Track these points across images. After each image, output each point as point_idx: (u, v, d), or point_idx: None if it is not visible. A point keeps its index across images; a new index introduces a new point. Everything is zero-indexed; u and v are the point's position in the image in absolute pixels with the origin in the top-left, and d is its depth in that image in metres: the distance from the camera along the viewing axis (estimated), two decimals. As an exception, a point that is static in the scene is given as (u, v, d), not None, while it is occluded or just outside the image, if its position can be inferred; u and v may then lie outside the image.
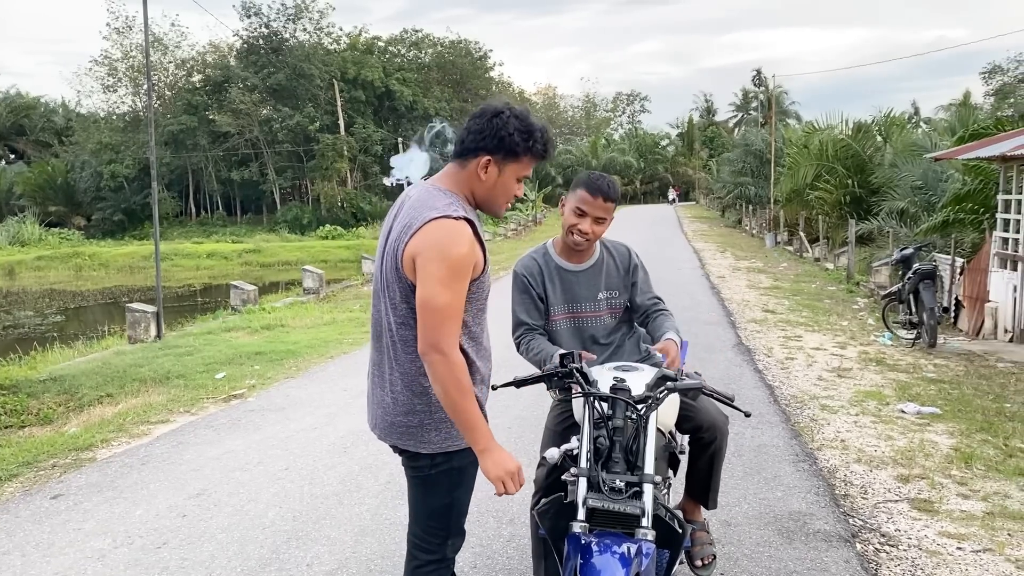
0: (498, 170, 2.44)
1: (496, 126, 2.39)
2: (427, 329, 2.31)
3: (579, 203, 3.18)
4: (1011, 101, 40.22)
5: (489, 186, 2.47)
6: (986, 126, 14.04)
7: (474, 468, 2.57)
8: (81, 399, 7.83)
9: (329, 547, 4.10)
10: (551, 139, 2.50)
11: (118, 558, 4.04)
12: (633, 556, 2.35)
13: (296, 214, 51.65)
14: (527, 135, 2.41)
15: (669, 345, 3.01)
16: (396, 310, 2.44)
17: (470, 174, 2.46)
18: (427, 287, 2.30)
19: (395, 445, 2.55)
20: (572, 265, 3.33)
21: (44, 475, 5.42)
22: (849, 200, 20.66)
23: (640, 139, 78.95)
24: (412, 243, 2.33)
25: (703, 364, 8.25)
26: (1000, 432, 5.88)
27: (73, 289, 30.17)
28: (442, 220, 2.32)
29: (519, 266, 3.40)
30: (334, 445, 5.78)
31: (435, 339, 2.29)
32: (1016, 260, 9.62)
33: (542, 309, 3.34)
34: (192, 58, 56.19)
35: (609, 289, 3.35)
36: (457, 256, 2.30)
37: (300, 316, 12.76)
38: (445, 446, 2.48)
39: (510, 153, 2.42)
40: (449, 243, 2.30)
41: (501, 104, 2.46)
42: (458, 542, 2.63)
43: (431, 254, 2.29)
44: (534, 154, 2.45)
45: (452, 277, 2.30)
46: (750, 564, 3.83)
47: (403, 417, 2.48)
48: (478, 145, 2.42)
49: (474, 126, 2.43)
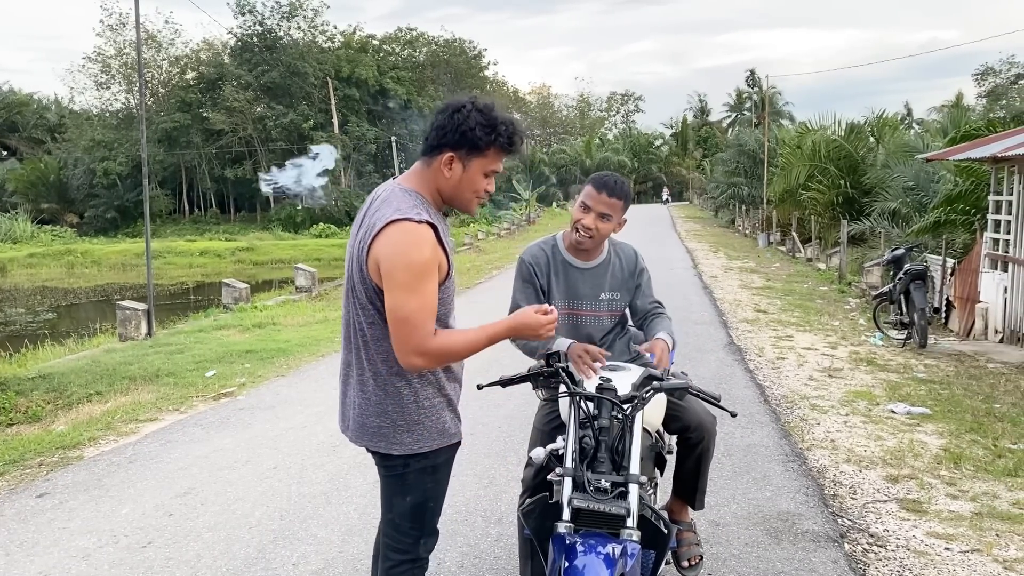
0: (463, 166, 2.40)
1: (458, 121, 2.36)
2: (401, 339, 2.30)
3: (584, 198, 3.16)
4: (1003, 102, 40.30)
5: (454, 183, 2.42)
6: (978, 127, 14.07)
7: (447, 468, 2.57)
8: (70, 397, 7.78)
9: (316, 546, 4.08)
10: (518, 131, 2.44)
11: (103, 557, 4.01)
12: (618, 557, 2.34)
13: (290, 212, 51.51)
14: (490, 128, 2.37)
15: (656, 344, 3.00)
16: (364, 311, 2.43)
17: (435, 171, 2.43)
18: (395, 296, 2.29)
19: (366, 447, 2.53)
20: (578, 262, 3.30)
21: (30, 473, 5.39)
22: (841, 200, 20.69)
23: (634, 139, 79.00)
24: (375, 247, 2.33)
25: (694, 364, 8.25)
26: (989, 432, 5.89)
27: (65, 287, 30.04)
28: (403, 223, 2.29)
29: (526, 254, 3.36)
30: (323, 444, 5.76)
31: (411, 346, 2.30)
32: (1006, 261, 9.64)
33: (542, 299, 3.31)
34: (186, 55, 56.04)
35: (612, 290, 3.31)
36: (420, 261, 2.28)
37: (292, 314, 12.72)
38: (417, 447, 2.46)
39: (473, 148, 2.38)
40: (410, 248, 2.28)
41: (465, 98, 2.42)
42: (431, 542, 2.61)
43: (395, 261, 2.28)
44: (499, 147, 2.41)
45: (418, 280, 2.28)
46: (738, 564, 3.82)
47: (374, 419, 2.47)
48: (441, 141, 2.39)
49: (437, 122, 2.40)
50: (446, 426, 2.51)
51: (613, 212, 3.14)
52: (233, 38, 53.58)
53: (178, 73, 55.87)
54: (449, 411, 2.54)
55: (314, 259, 31.93)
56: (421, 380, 2.45)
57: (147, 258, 12.07)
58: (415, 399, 2.44)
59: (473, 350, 2.40)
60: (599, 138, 77.61)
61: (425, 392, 2.46)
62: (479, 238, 31.01)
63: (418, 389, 2.45)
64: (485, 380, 2.92)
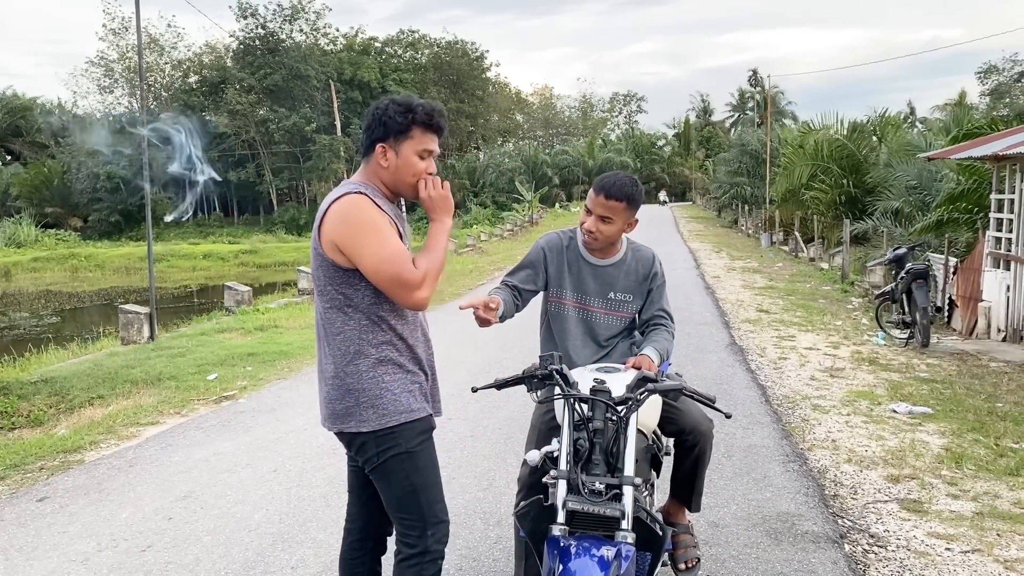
0: (395, 153, 2.56)
1: (377, 114, 2.56)
2: (394, 285, 2.45)
3: (588, 201, 3.17)
4: (1007, 101, 40.23)
5: (392, 170, 2.58)
6: (980, 126, 14.04)
7: (425, 454, 2.62)
8: (72, 401, 7.79)
9: (315, 549, 4.07)
10: (436, 109, 2.60)
11: (102, 561, 4.01)
12: (612, 559, 2.33)
13: (293, 215, 51.64)
14: (405, 110, 2.54)
15: (640, 360, 2.97)
16: (324, 295, 2.57)
17: (375, 166, 2.60)
18: (366, 257, 2.44)
19: (340, 431, 2.62)
20: (592, 257, 3.27)
21: (31, 477, 5.39)
22: (844, 200, 20.66)
23: (636, 139, 78.95)
24: (324, 226, 2.49)
25: (696, 364, 8.24)
26: (991, 432, 5.87)
27: (69, 290, 30.14)
28: (342, 198, 2.49)
29: (544, 238, 3.38)
30: (323, 446, 5.76)
31: (406, 285, 2.45)
32: (1009, 260, 9.62)
33: (538, 285, 3.30)
34: (188, 59, 56.24)
35: (624, 291, 3.27)
36: (371, 219, 2.46)
37: (294, 317, 12.73)
38: (383, 422, 2.54)
39: (398, 132, 2.54)
40: (356, 212, 2.47)
41: (384, 99, 2.62)
42: (439, 532, 2.64)
43: (349, 228, 2.45)
44: (420, 124, 2.55)
45: (378, 232, 2.45)
46: (737, 566, 3.81)
47: (340, 402, 2.58)
48: (371, 138, 2.58)
49: (364, 123, 2.60)
50: (409, 403, 2.58)
51: (613, 214, 3.10)
52: (235, 41, 53.71)
53: (180, 76, 56.07)
54: (414, 390, 2.61)
55: (317, 261, 31.86)
56: (380, 359, 2.56)
57: (149, 261, 12.10)
58: (374, 376, 2.55)
59: (444, 250, 2.59)
60: (602, 139, 77.56)
61: (384, 369, 2.56)
62: (482, 239, 30.97)
63: (377, 367, 2.55)
64: (481, 384, 2.91)
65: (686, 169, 74.65)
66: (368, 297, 2.53)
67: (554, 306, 3.31)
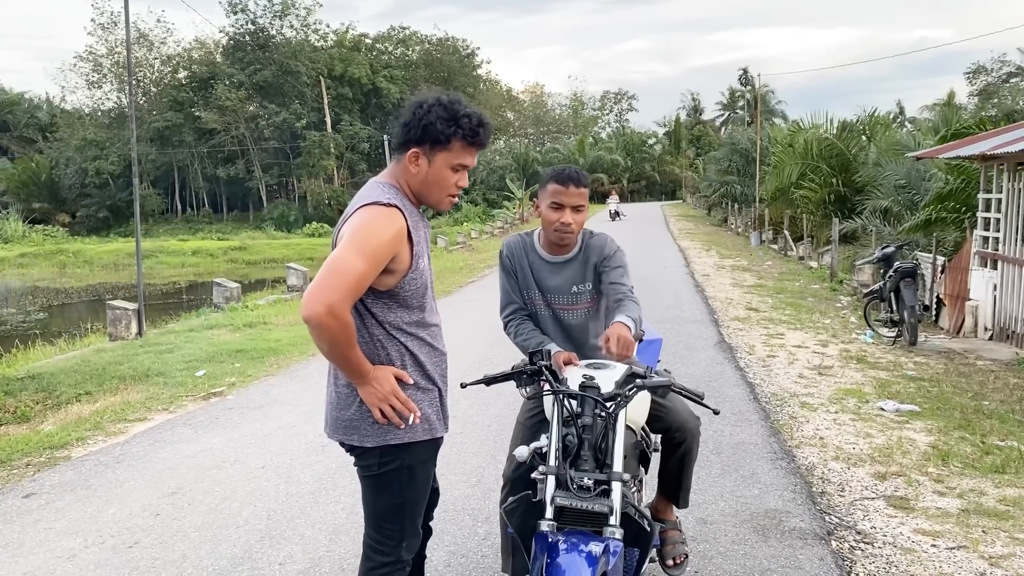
0: (428, 161, 2.43)
1: (419, 116, 2.39)
2: (326, 288, 2.21)
3: (553, 197, 3.12)
4: (995, 101, 40.50)
5: (421, 178, 2.45)
6: (968, 126, 14.12)
7: (424, 470, 2.56)
8: (59, 397, 7.75)
9: (303, 546, 4.06)
10: (484, 123, 2.44)
11: (88, 558, 3.99)
12: (600, 555, 2.33)
13: (282, 211, 51.47)
14: (451, 121, 2.38)
15: (612, 329, 2.75)
16: None
17: (403, 168, 2.46)
18: (343, 249, 2.28)
19: (342, 442, 2.54)
20: (549, 256, 3.27)
21: (17, 474, 5.36)
22: (833, 199, 20.76)
23: (627, 138, 79.02)
24: (346, 227, 2.36)
25: (685, 362, 8.26)
26: (978, 430, 5.91)
27: (57, 286, 29.95)
28: (372, 206, 2.35)
29: (504, 245, 3.39)
30: (312, 443, 5.74)
31: (331, 299, 2.20)
32: (996, 259, 9.68)
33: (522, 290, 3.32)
34: (178, 54, 55.94)
35: (585, 282, 3.27)
36: (381, 237, 2.30)
37: (283, 314, 12.68)
38: (387, 439, 2.45)
39: (436, 141, 2.40)
40: (376, 222, 2.32)
41: (431, 94, 2.44)
42: (413, 543, 2.60)
43: (358, 228, 2.31)
44: (463, 139, 2.41)
45: (371, 250, 2.28)
46: (724, 562, 3.82)
47: (345, 411, 2.48)
48: (407, 138, 2.42)
49: (403, 119, 2.44)
50: (416, 423, 2.50)
51: (584, 201, 3.15)
52: (225, 37, 53.50)
53: (170, 72, 55.77)
54: (423, 406, 2.53)
55: (307, 258, 31.84)
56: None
57: (137, 257, 12.04)
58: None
59: (349, 358, 2.32)
60: (592, 137, 77.69)
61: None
62: (472, 237, 30.96)
63: None
64: (470, 379, 2.91)
65: (676, 168, 74.76)
66: (384, 307, 2.44)
67: (530, 306, 3.33)
